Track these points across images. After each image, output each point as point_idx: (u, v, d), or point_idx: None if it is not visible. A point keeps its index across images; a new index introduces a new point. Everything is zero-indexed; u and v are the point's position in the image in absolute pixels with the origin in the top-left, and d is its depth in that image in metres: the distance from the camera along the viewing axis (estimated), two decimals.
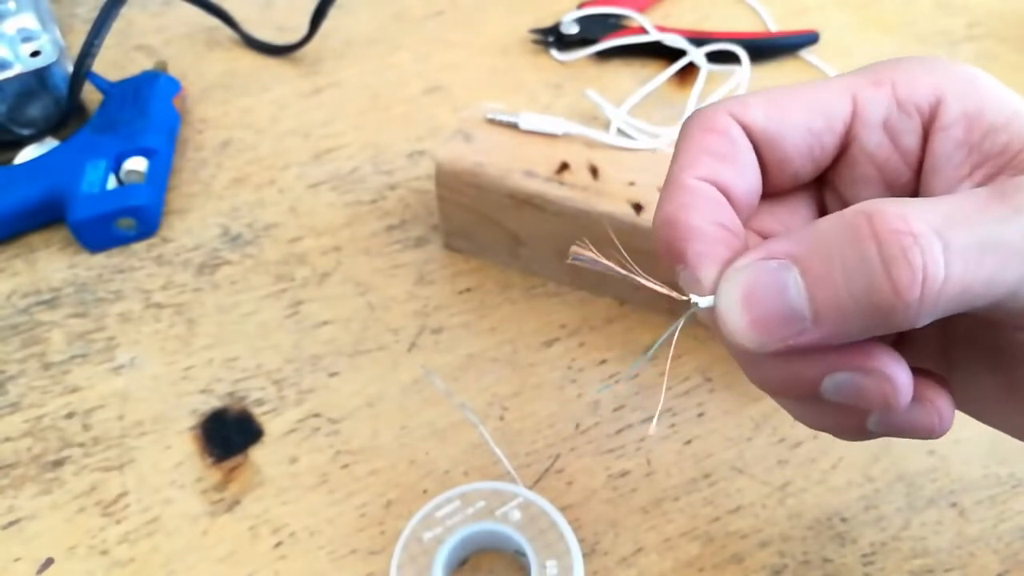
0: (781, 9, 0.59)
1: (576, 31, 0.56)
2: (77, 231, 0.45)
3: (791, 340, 0.20)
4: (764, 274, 0.20)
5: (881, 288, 0.19)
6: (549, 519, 0.35)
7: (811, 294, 0.20)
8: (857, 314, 0.19)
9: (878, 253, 0.19)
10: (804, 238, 0.20)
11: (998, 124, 0.23)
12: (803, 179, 0.25)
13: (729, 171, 0.23)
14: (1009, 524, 0.36)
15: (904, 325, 0.19)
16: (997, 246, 0.19)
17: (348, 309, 0.44)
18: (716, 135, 0.23)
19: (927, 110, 0.23)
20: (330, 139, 0.52)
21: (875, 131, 0.24)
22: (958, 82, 0.23)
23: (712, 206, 0.22)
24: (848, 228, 0.19)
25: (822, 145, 0.24)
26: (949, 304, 0.19)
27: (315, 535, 0.36)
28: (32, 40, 0.50)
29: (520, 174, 0.41)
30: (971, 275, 0.19)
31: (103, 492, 0.38)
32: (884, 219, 0.19)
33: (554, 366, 0.41)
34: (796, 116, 0.24)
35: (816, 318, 0.20)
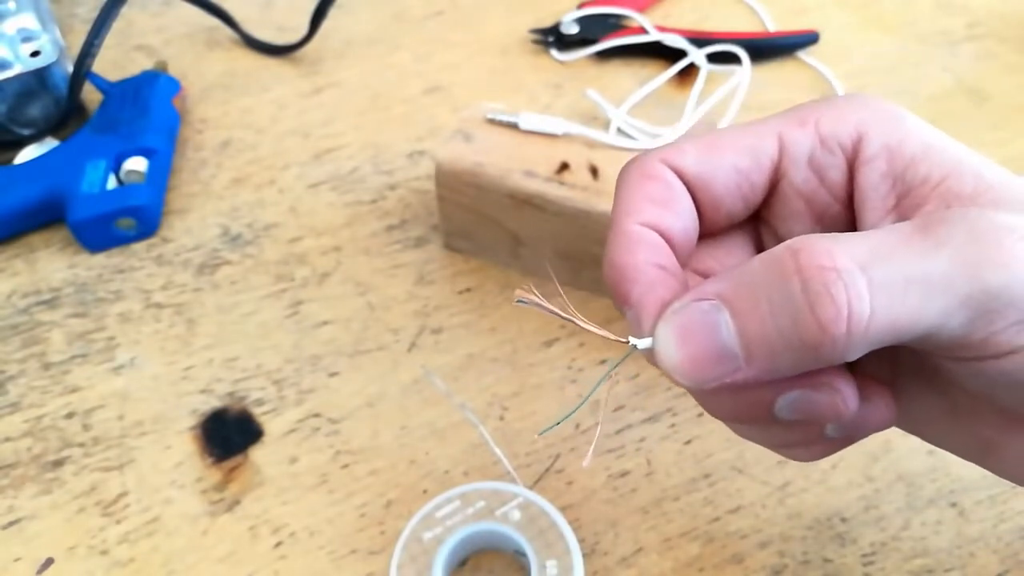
0: (781, 9, 0.59)
1: (576, 31, 0.56)
2: (77, 231, 0.45)
3: (727, 378, 0.21)
4: (697, 315, 0.21)
5: (807, 325, 0.19)
6: (549, 519, 0.35)
7: (741, 333, 0.20)
8: (786, 350, 0.20)
9: (802, 290, 0.19)
10: (733, 278, 0.21)
11: (918, 155, 0.23)
12: (736, 218, 0.26)
13: (668, 215, 0.24)
14: (1009, 524, 0.36)
15: (834, 359, 0.20)
16: (921, 280, 0.20)
17: (348, 309, 0.44)
18: (653, 181, 0.25)
19: (850, 146, 0.24)
20: (330, 139, 0.52)
21: (801, 168, 0.25)
22: (879, 117, 0.24)
23: (653, 250, 0.24)
24: (774, 265, 0.20)
25: (751, 184, 0.25)
26: (876, 338, 0.20)
27: (315, 535, 0.36)
28: (32, 40, 0.50)
29: (520, 174, 0.41)
30: (896, 310, 0.19)
31: (103, 492, 0.38)
32: (809, 255, 0.20)
33: (554, 366, 0.41)
34: (725, 158, 0.25)
35: (748, 356, 0.20)
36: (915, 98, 0.54)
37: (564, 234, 0.41)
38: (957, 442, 0.27)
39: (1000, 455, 0.25)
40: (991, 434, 0.25)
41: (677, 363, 0.21)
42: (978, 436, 0.26)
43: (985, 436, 0.25)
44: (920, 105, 0.53)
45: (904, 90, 0.54)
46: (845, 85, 0.54)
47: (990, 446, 0.25)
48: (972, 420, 0.25)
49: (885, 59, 0.56)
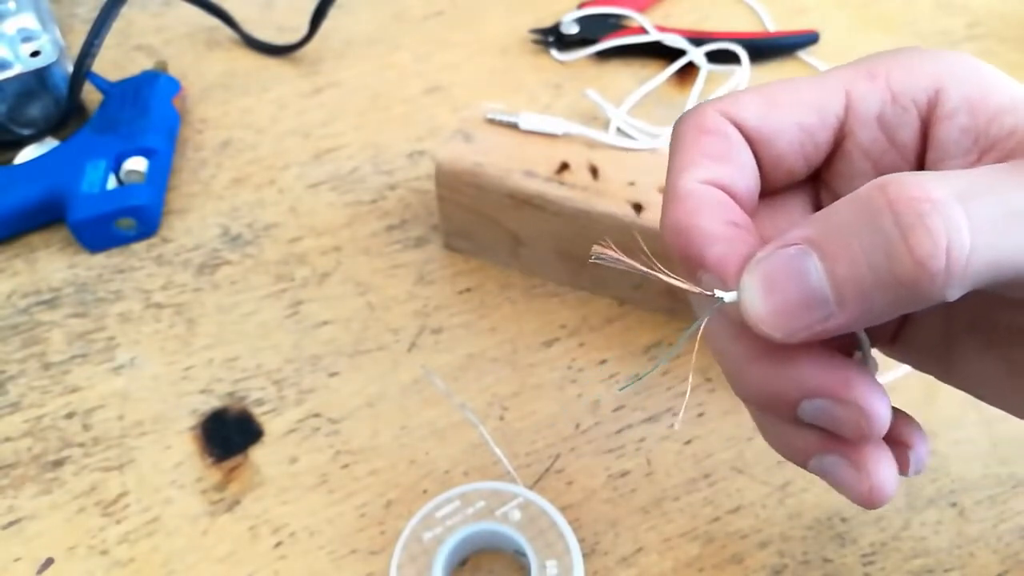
0: (781, 9, 0.59)
1: (576, 31, 0.56)
2: (77, 231, 0.45)
3: (817, 326, 0.19)
4: (783, 261, 0.20)
5: (902, 260, 0.18)
6: (549, 519, 0.35)
7: (831, 276, 0.19)
8: (881, 292, 0.18)
9: (894, 223, 0.18)
10: (819, 220, 0.20)
11: (1004, 107, 0.22)
12: (797, 176, 0.25)
13: (729, 171, 0.23)
14: (1009, 524, 0.36)
15: (934, 298, 0.18)
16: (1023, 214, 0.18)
17: (348, 309, 0.44)
18: (711, 136, 0.23)
19: (925, 101, 0.23)
20: (330, 139, 0.52)
21: (869, 126, 0.23)
22: (958, 69, 0.23)
23: (720, 208, 0.22)
24: (863, 203, 0.19)
25: (815, 142, 0.24)
26: (977, 275, 0.18)
27: (315, 535, 0.36)
28: (32, 40, 0.50)
29: (520, 174, 0.41)
30: (1000, 244, 0.18)
31: (103, 492, 0.38)
32: (900, 187, 0.18)
33: (554, 366, 0.41)
34: (788, 113, 0.23)
35: (840, 300, 0.19)
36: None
37: (564, 234, 0.41)
38: (1016, 403, 0.25)
39: None
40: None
41: (765, 313, 0.20)
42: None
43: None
44: None
45: None
46: None
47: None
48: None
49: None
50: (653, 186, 0.40)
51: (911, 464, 0.23)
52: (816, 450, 0.23)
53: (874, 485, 0.22)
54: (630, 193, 0.40)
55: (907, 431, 0.24)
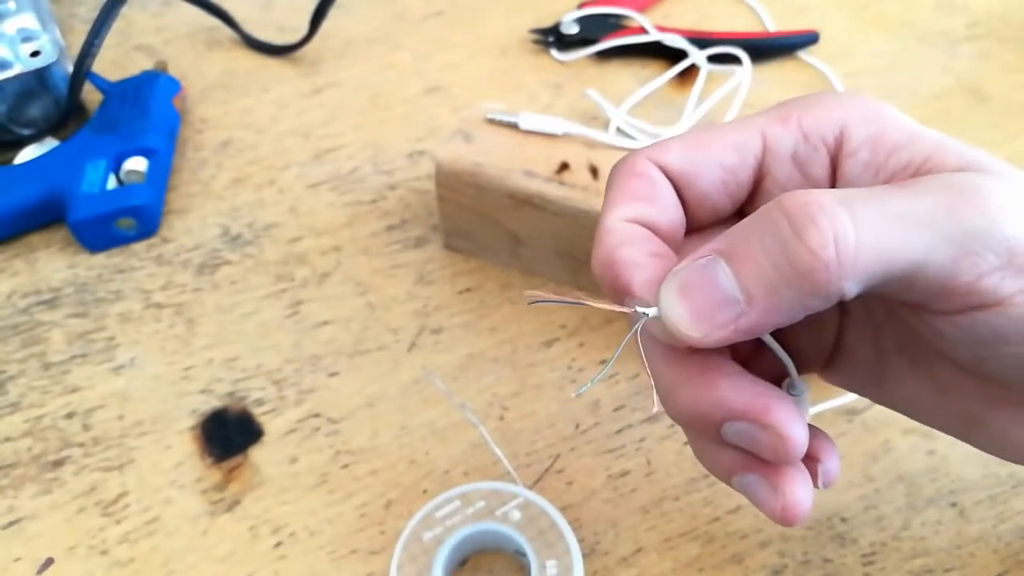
0: (781, 9, 0.59)
1: (576, 31, 0.56)
2: (77, 231, 0.45)
3: (731, 325, 0.21)
4: (696, 270, 0.22)
5: (797, 252, 0.20)
6: (549, 519, 0.35)
7: (738, 276, 0.21)
8: (784, 284, 0.20)
9: (789, 225, 0.20)
10: (726, 234, 0.22)
11: (900, 143, 0.24)
12: (723, 213, 0.27)
13: (652, 210, 0.25)
14: (1009, 524, 0.36)
15: (832, 290, 0.20)
16: (904, 215, 0.21)
17: (348, 309, 0.44)
18: (638, 178, 0.25)
19: (832, 140, 0.25)
20: (330, 139, 0.52)
21: (784, 163, 0.25)
22: (860, 111, 0.25)
23: (643, 241, 0.24)
24: (762, 215, 0.21)
25: (736, 180, 0.26)
26: (869, 268, 0.20)
27: (315, 535, 0.36)
28: (32, 40, 0.50)
29: (520, 174, 0.41)
30: (883, 238, 0.20)
31: (103, 492, 0.38)
32: (792, 198, 0.21)
33: (554, 366, 0.41)
34: (710, 154, 0.25)
35: (748, 298, 0.21)
36: (915, 98, 0.54)
37: (564, 234, 0.41)
38: (942, 419, 0.27)
39: (983, 430, 0.26)
40: (974, 409, 0.26)
41: (683, 316, 0.22)
42: (962, 412, 0.26)
43: (969, 411, 0.26)
44: (920, 105, 0.53)
45: (904, 90, 0.54)
46: (845, 85, 0.54)
47: (974, 421, 0.26)
48: (956, 396, 0.26)
49: (885, 59, 0.56)
50: None
51: (820, 476, 0.25)
52: (738, 469, 0.25)
53: (787, 504, 0.24)
54: None
55: (818, 445, 0.25)
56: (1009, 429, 0.25)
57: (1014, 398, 0.25)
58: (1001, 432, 0.26)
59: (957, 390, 0.26)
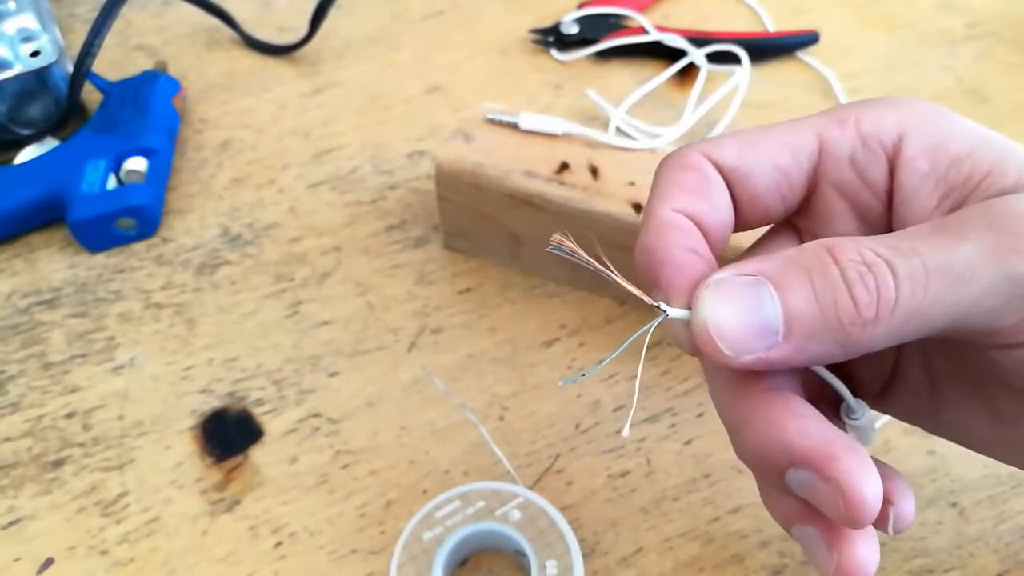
0: (781, 9, 0.59)
1: (576, 31, 0.56)
2: (77, 231, 0.45)
3: (761, 353, 0.21)
4: (743, 286, 0.21)
5: (846, 305, 0.20)
6: (549, 519, 0.35)
7: (785, 307, 0.21)
8: (824, 330, 0.21)
9: (842, 276, 0.21)
10: (775, 259, 0.22)
11: (961, 155, 0.24)
12: (774, 215, 0.26)
13: (702, 204, 0.24)
14: (1009, 524, 0.36)
15: (862, 344, 0.21)
16: (941, 271, 0.20)
17: (348, 309, 0.44)
18: (690, 172, 0.25)
19: (891, 146, 0.24)
20: (330, 139, 0.52)
21: (842, 167, 0.25)
22: (920, 117, 0.24)
23: (684, 235, 0.24)
24: (814, 255, 0.21)
25: (790, 182, 0.25)
26: (903, 327, 0.21)
27: (315, 535, 0.36)
28: (32, 40, 0.50)
29: (520, 174, 0.41)
30: (919, 298, 0.20)
31: (103, 492, 0.38)
32: (843, 250, 0.21)
33: (554, 366, 0.41)
34: (764, 154, 0.25)
35: (787, 332, 0.21)
36: (915, 98, 0.54)
37: None
38: (1003, 449, 0.26)
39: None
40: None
41: (722, 330, 0.21)
42: (1022, 442, 0.25)
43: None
44: None
45: (904, 90, 0.54)
46: (845, 85, 0.54)
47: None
48: (1015, 427, 0.25)
49: (885, 59, 0.56)
50: None
51: (891, 522, 0.23)
52: (797, 519, 0.23)
53: (842, 567, 0.22)
54: (630, 193, 0.40)
55: (890, 485, 0.24)
56: None
57: None
58: None
59: (1017, 420, 0.25)
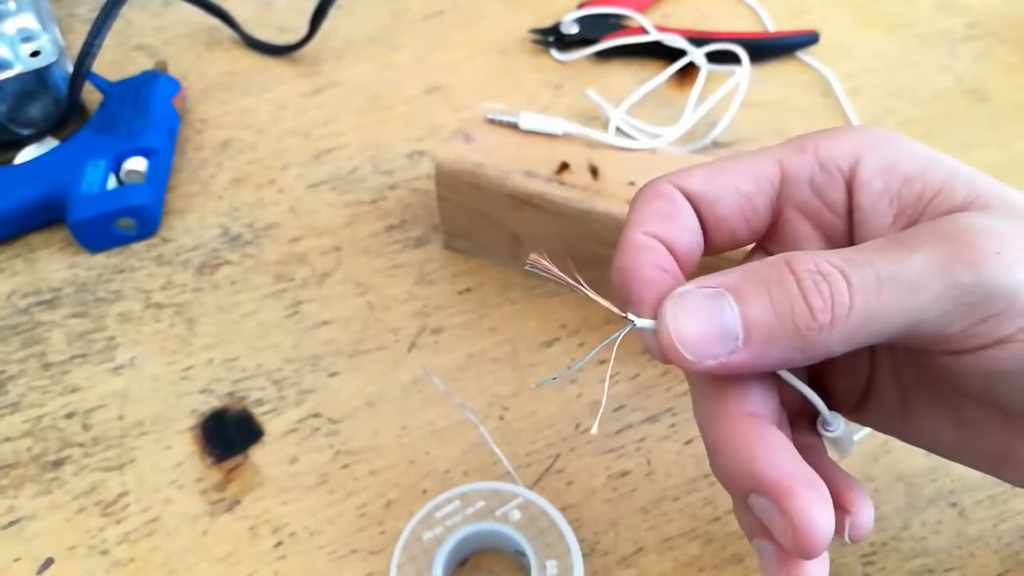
0: (781, 9, 0.59)
1: (576, 31, 0.56)
2: (77, 231, 0.45)
3: (723, 358, 0.22)
4: (704, 297, 0.23)
5: (802, 311, 0.22)
6: (549, 519, 0.35)
7: (744, 316, 0.22)
8: (781, 334, 0.22)
9: (797, 285, 0.22)
10: (736, 273, 0.23)
11: (912, 174, 0.25)
12: (741, 239, 0.28)
13: (672, 227, 0.26)
14: (1009, 524, 0.36)
15: (820, 348, 0.22)
16: (893, 280, 0.22)
17: (348, 309, 0.44)
18: (660, 199, 0.27)
19: (847, 168, 0.26)
20: (330, 139, 0.52)
21: (802, 190, 0.27)
22: (874, 141, 0.26)
23: (654, 255, 0.26)
24: (773, 267, 0.23)
25: (753, 206, 0.27)
26: (856, 331, 0.22)
27: (315, 535, 0.36)
28: (32, 40, 0.50)
29: (520, 174, 0.41)
30: (872, 304, 0.22)
31: (103, 492, 0.38)
32: (799, 261, 0.22)
33: (554, 366, 0.41)
34: (729, 181, 0.27)
35: (747, 338, 0.22)
36: (915, 98, 0.54)
37: (564, 234, 0.41)
38: (968, 455, 0.27)
39: (1012, 464, 0.26)
40: (1001, 444, 0.26)
41: (684, 337, 0.23)
42: (988, 447, 0.26)
43: (995, 447, 0.26)
44: (920, 105, 0.53)
45: (904, 90, 0.54)
46: (845, 85, 0.54)
47: (1002, 456, 0.26)
48: (980, 431, 0.26)
49: (885, 59, 0.56)
50: None
51: (847, 529, 0.25)
52: (757, 533, 0.25)
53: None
54: (630, 193, 0.40)
55: (849, 495, 0.25)
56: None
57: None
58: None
59: (980, 426, 0.26)
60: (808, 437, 0.28)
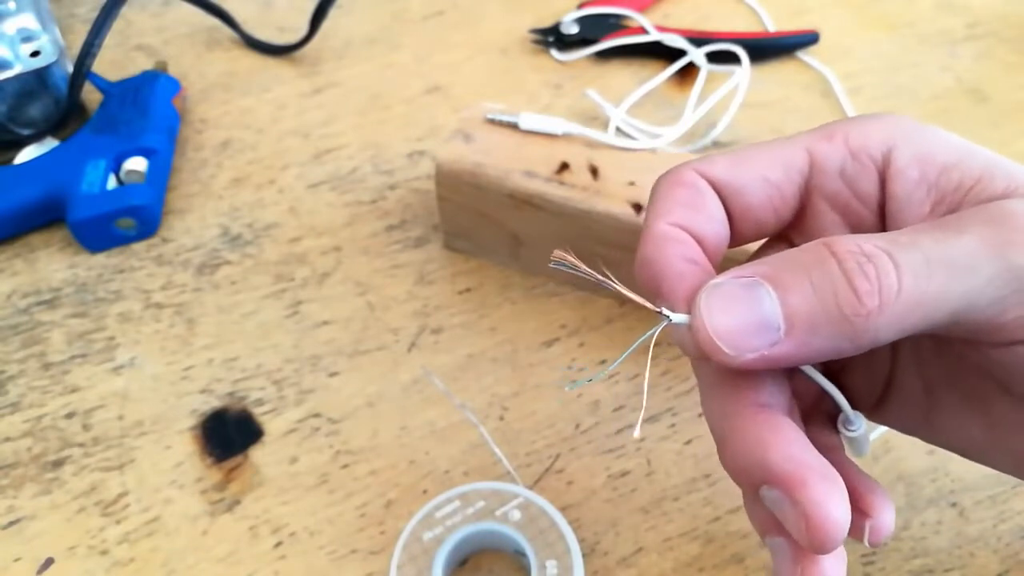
0: (781, 9, 0.59)
1: (576, 31, 0.56)
2: (77, 231, 0.45)
3: (764, 350, 0.21)
4: (740, 287, 0.22)
5: (847, 296, 0.20)
6: (549, 519, 0.35)
7: (784, 304, 0.21)
8: (825, 322, 0.21)
9: (840, 269, 0.21)
10: (773, 261, 0.22)
11: (950, 163, 0.24)
12: (767, 228, 0.27)
13: (697, 218, 0.25)
14: (1009, 524, 0.36)
15: (868, 335, 0.21)
16: (943, 262, 0.21)
17: (348, 309, 0.44)
18: (684, 188, 0.25)
19: (880, 157, 0.25)
20: (330, 139, 0.52)
21: (833, 179, 0.25)
22: (907, 130, 0.25)
23: (681, 246, 0.24)
24: (811, 252, 0.22)
25: (781, 195, 0.26)
26: (907, 316, 0.21)
27: (315, 535, 0.36)
28: (32, 40, 0.50)
29: (520, 174, 0.41)
30: (922, 288, 0.20)
31: (103, 492, 0.38)
32: (840, 243, 0.21)
33: (554, 366, 0.41)
34: (755, 168, 0.26)
35: (788, 328, 0.21)
36: (915, 98, 0.54)
37: (564, 234, 0.41)
38: (996, 456, 0.26)
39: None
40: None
41: (721, 331, 0.21)
42: (1018, 449, 0.25)
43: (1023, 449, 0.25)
44: (920, 105, 0.53)
45: (904, 90, 0.54)
46: (845, 85, 0.54)
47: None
48: (1012, 430, 0.25)
49: (885, 59, 0.56)
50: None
51: (867, 534, 0.24)
52: (771, 530, 0.24)
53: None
54: (630, 193, 0.40)
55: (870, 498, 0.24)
56: None
57: None
58: None
59: (1012, 425, 0.25)
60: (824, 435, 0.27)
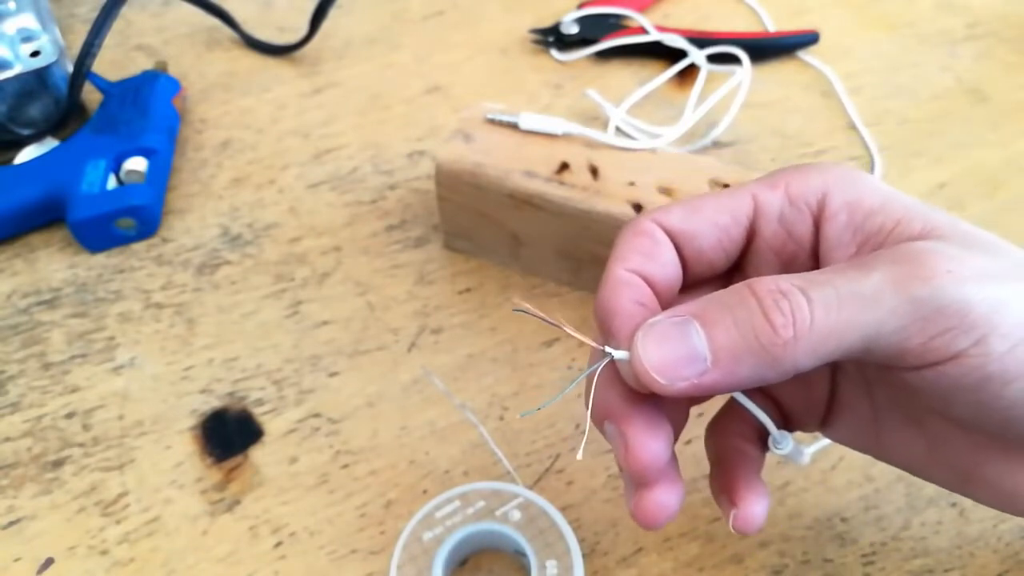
0: (781, 9, 0.59)
1: (576, 31, 0.56)
2: (77, 231, 0.45)
3: (694, 379, 0.24)
4: (672, 325, 0.24)
5: (764, 328, 0.23)
6: (549, 519, 0.35)
7: (711, 339, 0.24)
8: (747, 353, 0.23)
9: (758, 305, 0.24)
10: (702, 301, 0.25)
11: (875, 208, 0.27)
12: (719, 268, 0.29)
13: (651, 264, 0.28)
14: (1009, 524, 0.36)
15: (787, 362, 0.23)
16: (851, 296, 0.23)
17: (348, 309, 0.44)
18: (642, 237, 0.28)
19: (815, 204, 0.28)
20: (330, 139, 0.52)
21: (772, 224, 0.28)
22: (840, 178, 0.28)
23: (633, 290, 0.27)
24: (735, 293, 0.24)
25: (730, 238, 0.29)
26: (821, 345, 0.23)
27: (315, 535, 0.36)
28: (32, 40, 0.50)
29: (520, 174, 0.41)
30: (833, 319, 0.23)
31: (103, 492, 0.38)
32: (760, 284, 0.24)
33: (554, 366, 0.41)
34: (706, 216, 0.28)
35: (715, 359, 0.24)
36: (915, 98, 0.54)
37: (564, 234, 0.41)
38: (938, 473, 0.29)
39: (978, 482, 0.27)
40: (967, 463, 0.27)
41: (655, 363, 0.24)
42: (955, 465, 0.28)
43: (962, 465, 0.27)
44: (920, 105, 0.53)
45: (904, 90, 0.54)
46: (845, 85, 0.54)
47: (968, 474, 0.28)
48: (948, 449, 0.27)
49: (885, 59, 0.56)
50: (653, 186, 0.40)
51: (730, 519, 0.27)
52: (607, 416, 0.27)
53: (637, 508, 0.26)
54: (630, 193, 0.40)
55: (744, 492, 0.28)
56: (1001, 479, 0.27)
57: (998, 447, 0.26)
58: (995, 483, 0.27)
59: (948, 443, 0.27)
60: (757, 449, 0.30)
